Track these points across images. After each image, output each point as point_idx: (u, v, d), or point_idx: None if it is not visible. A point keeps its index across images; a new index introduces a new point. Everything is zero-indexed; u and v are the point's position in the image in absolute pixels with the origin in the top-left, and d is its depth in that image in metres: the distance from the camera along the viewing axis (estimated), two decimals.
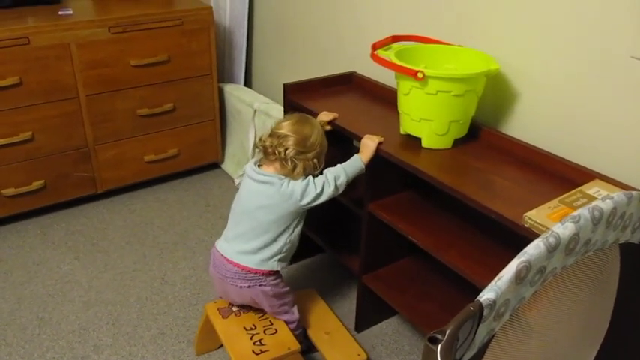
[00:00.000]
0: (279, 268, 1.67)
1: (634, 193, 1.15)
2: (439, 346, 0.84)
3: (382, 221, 1.72)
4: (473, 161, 1.58)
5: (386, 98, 1.99)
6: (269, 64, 2.93)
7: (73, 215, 2.60)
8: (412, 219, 1.68)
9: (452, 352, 0.85)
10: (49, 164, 2.46)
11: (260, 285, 1.65)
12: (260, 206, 1.61)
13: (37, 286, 2.15)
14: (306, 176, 1.61)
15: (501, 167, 1.55)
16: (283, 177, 1.59)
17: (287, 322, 1.76)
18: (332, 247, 2.05)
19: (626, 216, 1.14)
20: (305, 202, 1.59)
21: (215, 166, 3.04)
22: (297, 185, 1.59)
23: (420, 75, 1.49)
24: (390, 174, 1.75)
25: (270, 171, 1.61)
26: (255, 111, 2.67)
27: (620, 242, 1.20)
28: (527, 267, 0.93)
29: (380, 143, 1.65)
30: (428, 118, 1.58)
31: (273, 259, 1.65)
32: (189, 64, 2.64)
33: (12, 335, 1.92)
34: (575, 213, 1.02)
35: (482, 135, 1.69)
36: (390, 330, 2.01)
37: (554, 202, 1.32)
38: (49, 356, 1.85)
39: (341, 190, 1.64)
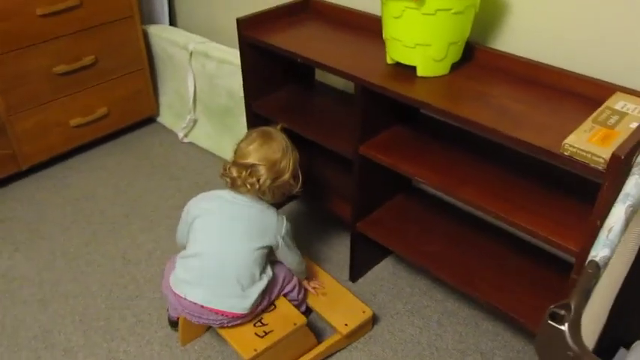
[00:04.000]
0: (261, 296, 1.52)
1: None
2: (567, 324, 0.70)
3: (376, 163, 1.55)
4: (476, 85, 1.42)
5: (354, 24, 1.77)
6: None
7: (0, 200, 2.23)
8: (412, 158, 1.52)
9: (580, 327, 0.71)
10: None
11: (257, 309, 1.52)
12: (245, 232, 1.47)
13: None
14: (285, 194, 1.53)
15: (508, 89, 1.40)
16: (266, 206, 1.50)
17: (292, 292, 1.62)
18: (313, 197, 1.87)
19: None
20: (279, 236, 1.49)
21: (151, 120, 2.71)
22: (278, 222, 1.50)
23: None
24: (378, 110, 1.56)
25: (248, 197, 1.47)
26: (191, 53, 2.35)
27: None
28: (633, 210, 0.80)
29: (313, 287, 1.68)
30: (424, 42, 1.38)
31: (260, 293, 1.49)
32: (105, 7, 2.25)
33: None
34: None
35: (478, 55, 1.52)
36: (386, 274, 1.89)
37: (588, 123, 1.19)
38: None
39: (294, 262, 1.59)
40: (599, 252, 0.75)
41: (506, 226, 1.66)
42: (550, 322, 0.70)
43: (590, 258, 0.75)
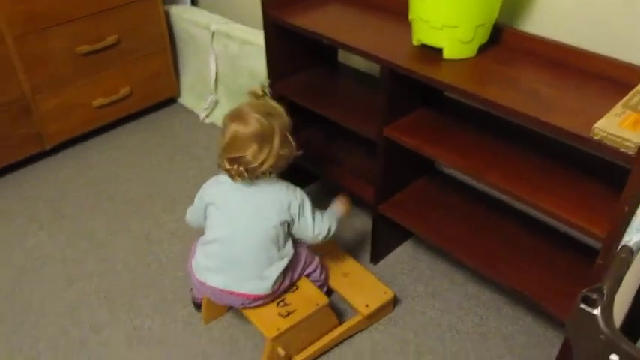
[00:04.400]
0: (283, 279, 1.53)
1: None
2: (599, 307, 0.70)
3: (401, 146, 1.55)
4: (503, 68, 1.40)
5: (379, 6, 1.75)
6: None
7: (24, 179, 2.26)
8: (437, 141, 1.51)
9: (612, 312, 0.71)
10: None
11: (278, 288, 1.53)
12: (257, 214, 1.45)
13: (4, 269, 1.87)
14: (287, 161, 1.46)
15: (536, 72, 1.38)
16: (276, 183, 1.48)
17: (314, 272, 1.64)
18: (335, 179, 1.88)
19: None
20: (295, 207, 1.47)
21: (172, 101, 2.72)
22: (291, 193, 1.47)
23: None
24: (404, 92, 1.55)
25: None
26: (213, 34, 2.35)
27: None
28: None
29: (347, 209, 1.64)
30: (452, 24, 1.37)
31: (280, 273, 1.50)
32: None
33: None
34: None
35: (506, 38, 1.50)
36: (406, 256, 1.90)
37: (618, 107, 1.18)
38: (42, 347, 1.62)
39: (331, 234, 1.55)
40: (632, 237, 0.74)
41: (528, 210, 1.65)
42: (582, 305, 0.70)
43: (623, 242, 0.74)
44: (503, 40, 1.50)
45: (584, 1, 1.42)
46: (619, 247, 0.74)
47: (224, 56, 2.36)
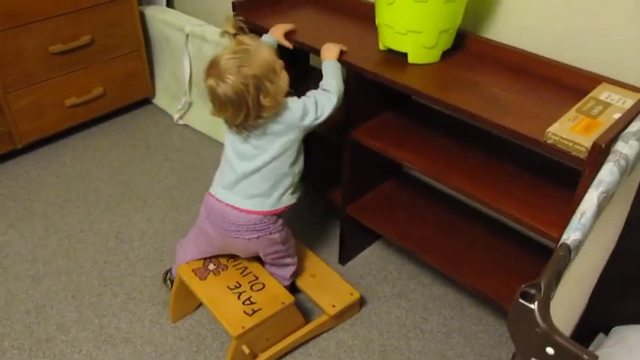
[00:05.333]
0: (295, 200, 1.53)
1: None
2: (536, 302, 0.73)
3: (367, 148, 1.57)
4: (466, 74, 1.44)
5: (350, 10, 1.78)
6: None
7: None
8: (402, 143, 1.54)
9: (549, 307, 0.74)
10: None
11: (270, 234, 1.50)
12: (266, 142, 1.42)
13: None
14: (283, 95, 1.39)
15: (497, 78, 1.42)
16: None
17: (288, 266, 1.65)
18: (306, 181, 1.89)
19: None
20: (307, 121, 1.42)
21: (146, 101, 2.72)
22: (294, 111, 1.40)
23: None
24: (369, 95, 1.58)
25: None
26: (187, 36, 2.36)
27: None
28: (606, 197, 0.83)
29: (342, 51, 1.50)
30: (416, 29, 1.40)
31: (287, 193, 1.50)
32: None
33: None
34: (634, 128, 0.92)
35: (469, 44, 1.54)
36: (374, 257, 1.93)
37: (572, 112, 1.22)
38: (7, 345, 1.61)
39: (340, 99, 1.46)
40: (570, 235, 0.78)
41: (493, 213, 1.69)
42: (521, 300, 0.73)
43: (561, 241, 0.78)
44: (467, 46, 1.54)
45: (545, 10, 1.46)
46: (558, 245, 0.78)
47: (198, 58, 2.37)
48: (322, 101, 1.44)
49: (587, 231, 0.80)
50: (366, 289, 1.79)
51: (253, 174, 1.45)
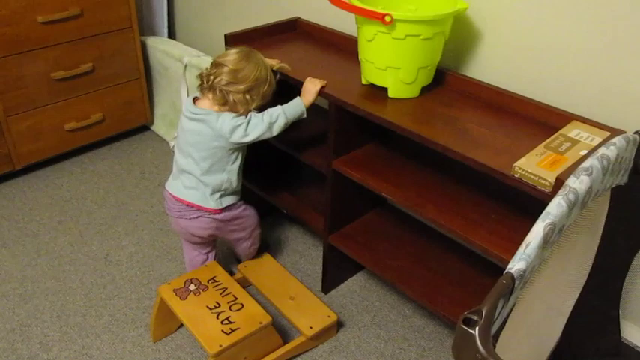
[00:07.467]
0: (223, 206, 1.65)
1: (629, 135, 1.10)
2: (477, 328, 0.76)
3: (349, 179, 1.62)
4: (443, 109, 1.49)
5: (337, 45, 1.85)
6: (194, 13, 2.67)
7: None
8: (382, 174, 1.58)
9: (490, 332, 0.77)
10: None
11: (210, 215, 1.65)
12: (192, 143, 1.57)
13: None
14: (242, 112, 1.54)
15: (473, 113, 1.47)
16: (215, 112, 1.53)
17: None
18: (290, 208, 1.94)
19: (623, 160, 1.10)
20: (235, 139, 1.54)
21: (144, 128, 2.79)
22: (227, 122, 1.52)
23: (387, 19, 1.36)
24: (353, 127, 1.63)
25: (205, 105, 1.56)
26: (185, 66, 2.44)
27: (612, 186, 1.17)
28: (552, 229, 0.86)
29: (322, 87, 1.57)
30: (395, 65, 1.46)
31: (214, 197, 1.63)
32: (105, 17, 2.35)
33: None
34: (587, 164, 0.96)
35: (448, 80, 1.60)
36: (357, 287, 1.95)
37: (540, 148, 1.26)
38: None
39: (275, 133, 1.58)
40: (515, 264, 0.81)
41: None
42: (463, 326, 0.76)
43: (506, 270, 0.81)
44: (446, 82, 1.60)
45: (521, 51, 1.52)
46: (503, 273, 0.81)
47: (195, 87, 2.43)
48: (255, 120, 1.56)
49: (533, 260, 0.83)
50: (346, 318, 1.81)
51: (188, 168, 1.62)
